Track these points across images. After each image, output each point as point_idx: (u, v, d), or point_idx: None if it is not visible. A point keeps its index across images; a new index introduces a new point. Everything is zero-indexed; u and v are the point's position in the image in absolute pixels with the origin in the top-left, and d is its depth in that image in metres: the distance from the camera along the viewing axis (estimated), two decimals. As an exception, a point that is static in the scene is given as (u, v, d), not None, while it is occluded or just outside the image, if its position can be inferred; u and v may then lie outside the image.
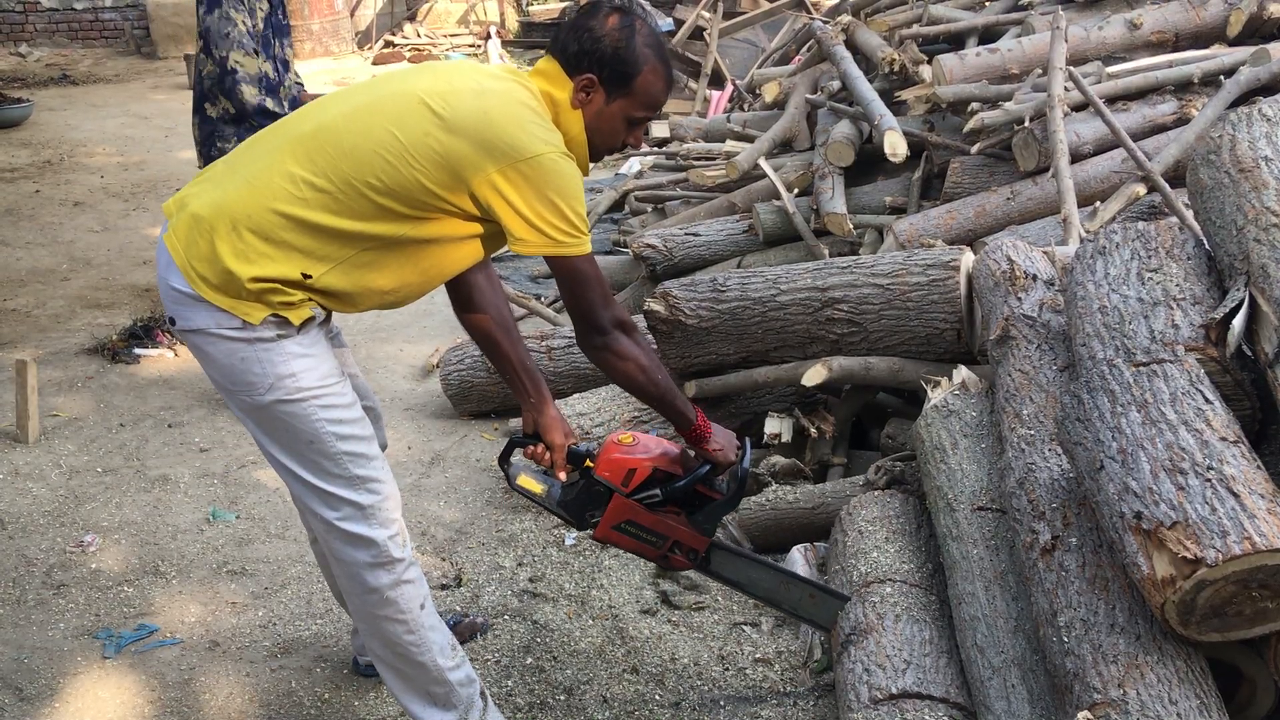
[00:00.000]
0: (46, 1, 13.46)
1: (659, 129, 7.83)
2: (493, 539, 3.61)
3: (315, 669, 2.98)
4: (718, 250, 5.08)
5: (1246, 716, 2.10)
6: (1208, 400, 2.13)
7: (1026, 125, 4.31)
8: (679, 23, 9.95)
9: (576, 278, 2.27)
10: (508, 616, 3.19)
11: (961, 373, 3.24)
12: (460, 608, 3.23)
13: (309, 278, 2.24)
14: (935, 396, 3.16)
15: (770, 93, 6.35)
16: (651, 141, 7.91)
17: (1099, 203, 4.07)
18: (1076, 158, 4.22)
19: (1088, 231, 3.73)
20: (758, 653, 3.00)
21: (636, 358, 2.34)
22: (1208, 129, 3.86)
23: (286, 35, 4.50)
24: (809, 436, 3.68)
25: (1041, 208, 4.23)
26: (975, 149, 4.50)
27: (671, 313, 3.74)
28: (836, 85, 5.63)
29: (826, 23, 6.47)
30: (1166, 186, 3.88)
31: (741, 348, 3.75)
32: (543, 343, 4.36)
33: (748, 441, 2.59)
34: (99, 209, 7.55)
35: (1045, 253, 3.30)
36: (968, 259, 3.51)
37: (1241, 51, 4.65)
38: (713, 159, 6.21)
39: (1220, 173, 2.60)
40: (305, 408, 2.28)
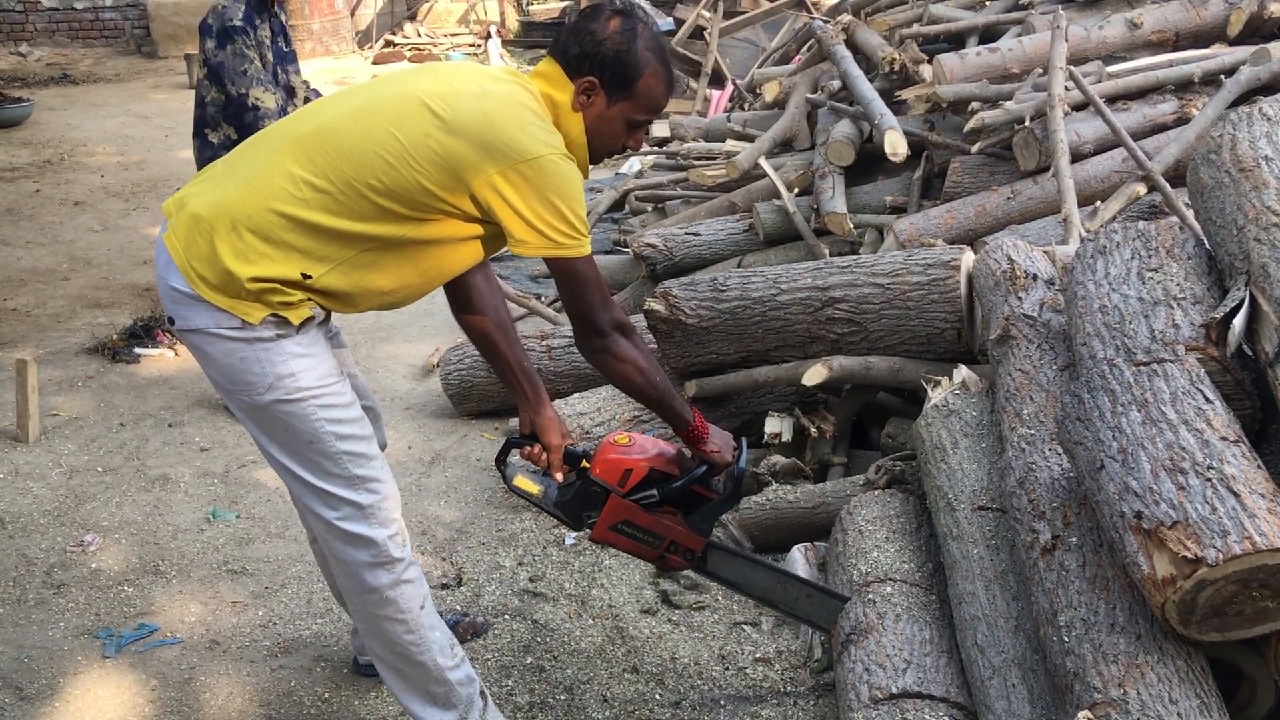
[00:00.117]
0: (47, 1, 13.47)
1: (659, 128, 7.82)
2: (493, 538, 3.61)
3: (315, 668, 2.98)
4: (718, 250, 5.08)
5: (1247, 716, 2.10)
6: (1208, 400, 2.13)
7: (1027, 125, 4.31)
8: (679, 22, 9.94)
9: (576, 279, 2.27)
10: (508, 616, 3.19)
11: (962, 372, 3.24)
12: (460, 607, 3.23)
13: (309, 278, 2.24)
14: (935, 396, 3.16)
15: (770, 92, 6.34)
16: (652, 141, 7.91)
17: (1099, 202, 4.07)
18: (1077, 157, 4.21)
19: (1088, 231, 3.73)
20: (758, 652, 2.99)
21: (635, 360, 2.34)
22: (1208, 128, 3.86)
23: (292, 61, 4.52)
24: (809, 436, 3.68)
25: (1042, 207, 4.23)
26: (976, 148, 4.50)
27: (672, 312, 3.74)
28: (837, 85, 5.63)
29: (827, 22, 6.47)
30: (1167, 186, 3.88)
31: (742, 347, 3.75)
32: (543, 342, 4.36)
33: (744, 442, 2.59)
34: (99, 208, 7.55)
35: (1046, 252, 3.30)
36: (968, 258, 3.51)
37: (1242, 51, 4.65)
38: (713, 158, 6.21)
39: (1221, 172, 2.60)
40: (304, 407, 2.28)
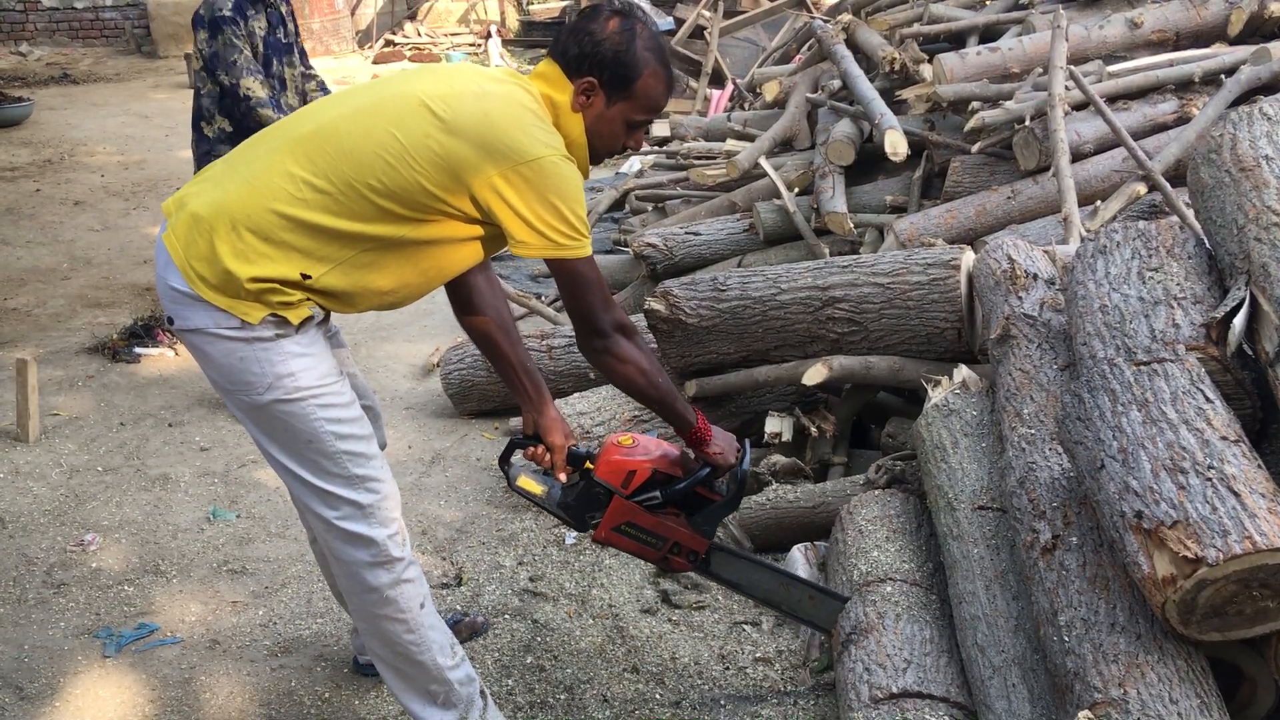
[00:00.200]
0: (47, 0, 13.47)
1: (660, 128, 7.82)
2: (493, 538, 3.61)
3: (315, 668, 2.98)
4: (718, 249, 5.08)
5: (1247, 716, 2.10)
6: (1208, 399, 2.13)
7: (1027, 124, 4.31)
8: (679, 22, 9.94)
9: (577, 280, 2.27)
10: (508, 615, 3.19)
11: (962, 372, 3.24)
12: (460, 607, 3.23)
13: (308, 278, 2.23)
14: (936, 395, 3.16)
15: (771, 92, 6.34)
16: (652, 140, 7.90)
17: (1100, 202, 4.07)
18: (1077, 157, 4.21)
19: (1088, 230, 3.73)
20: (758, 652, 2.99)
21: (637, 361, 2.34)
22: (1208, 128, 3.86)
23: (288, 53, 4.51)
24: (809, 435, 3.68)
25: (1042, 207, 4.23)
26: (976, 148, 4.50)
27: (672, 312, 3.74)
28: (837, 84, 5.63)
29: (827, 22, 6.47)
30: (1167, 185, 3.88)
31: (742, 347, 3.74)
32: (543, 342, 4.36)
33: (747, 444, 2.58)
34: (99, 208, 7.56)
35: (1046, 252, 3.30)
36: (968, 258, 3.51)
37: (1242, 50, 4.65)
38: (713, 158, 6.21)
39: (1221, 171, 2.60)
40: (304, 407, 2.28)
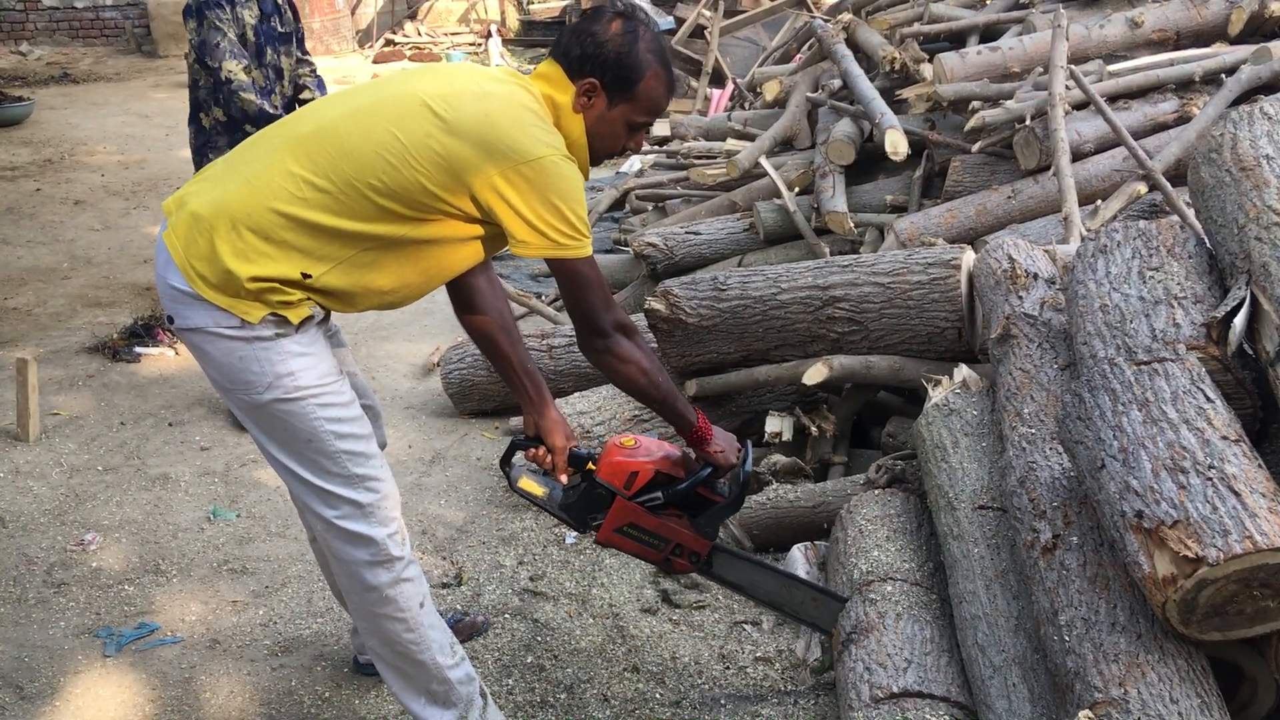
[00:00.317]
0: (47, 0, 13.47)
1: (660, 127, 7.82)
2: (493, 538, 3.61)
3: (315, 668, 2.98)
4: (718, 249, 5.08)
5: (1248, 715, 2.10)
6: (1209, 399, 2.13)
7: (1028, 124, 4.30)
8: (679, 21, 9.94)
9: (577, 280, 2.26)
10: (508, 615, 3.19)
11: (962, 371, 3.23)
12: (460, 606, 3.23)
13: (309, 277, 2.23)
14: (936, 395, 3.15)
15: (771, 91, 6.34)
16: (652, 140, 7.90)
17: (1100, 201, 4.07)
18: (1078, 156, 4.21)
19: (1089, 230, 3.73)
20: (758, 651, 2.99)
21: (638, 361, 2.34)
22: (1209, 127, 3.86)
23: (285, 43, 4.49)
24: (810, 435, 3.68)
25: (1043, 206, 4.23)
26: (976, 147, 4.50)
27: (672, 311, 3.74)
28: (837, 84, 5.63)
29: (827, 21, 6.46)
30: (1168, 185, 3.88)
31: (742, 346, 3.74)
32: (543, 341, 4.36)
33: (748, 444, 2.58)
34: (99, 207, 7.55)
35: (1046, 251, 3.30)
36: (969, 257, 3.51)
37: (1243, 50, 4.65)
38: (713, 157, 6.21)
39: (1221, 171, 2.60)
40: (303, 406, 2.28)
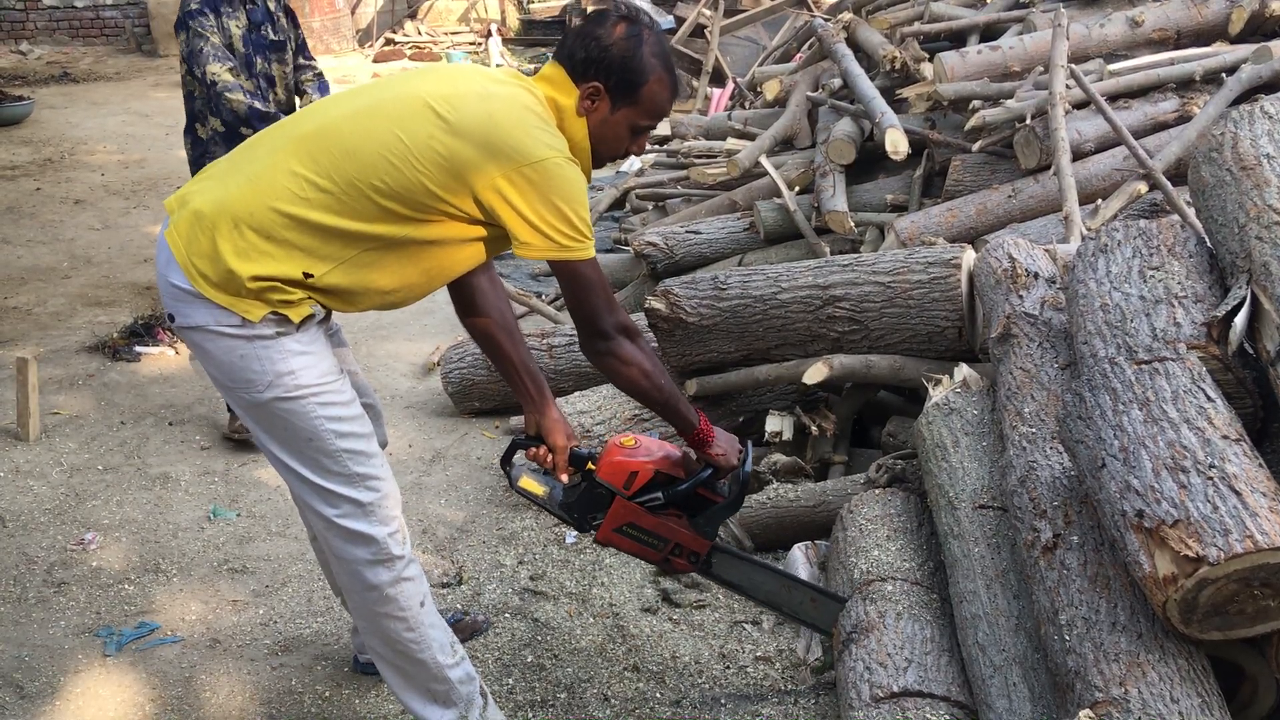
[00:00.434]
0: (47, 0, 13.46)
1: (660, 127, 7.79)
2: (493, 537, 3.61)
3: (316, 667, 2.98)
4: (719, 248, 5.08)
5: (1248, 715, 2.10)
6: (1209, 398, 2.13)
7: (1028, 123, 4.30)
8: (680, 20, 9.95)
9: (580, 282, 2.26)
10: (508, 614, 3.19)
11: (963, 371, 3.23)
12: (461, 606, 3.23)
13: (310, 277, 2.23)
14: (936, 394, 3.15)
15: (771, 90, 6.34)
16: (653, 139, 7.90)
17: (1100, 200, 4.07)
18: (1078, 155, 4.21)
19: (1089, 229, 3.73)
20: (759, 651, 2.99)
21: (640, 363, 2.34)
22: (1209, 127, 3.85)
23: (278, 51, 4.44)
24: (810, 434, 3.68)
25: (1043, 205, 4.23)
26: (976, 147, 4.50)
27: (673, 311, 3.74)
28: (838, 83, 5.63)
29: (828, 20, 6.47)
30: (1168, 184, 3.88)
31: (743, 346, 3.74)
32: (544, 341, 4.36)
33: (749, 445, 2.58)
34: (100, 207, 7.55)
35: (1047, 250, 3.30)
36: (969, 257, 3.51)
37: (1243, 49, 4.65)
38: (714, 157, 6.21)
39: (1222, 170, 2.60)
40: (304, 405, 2.28)
